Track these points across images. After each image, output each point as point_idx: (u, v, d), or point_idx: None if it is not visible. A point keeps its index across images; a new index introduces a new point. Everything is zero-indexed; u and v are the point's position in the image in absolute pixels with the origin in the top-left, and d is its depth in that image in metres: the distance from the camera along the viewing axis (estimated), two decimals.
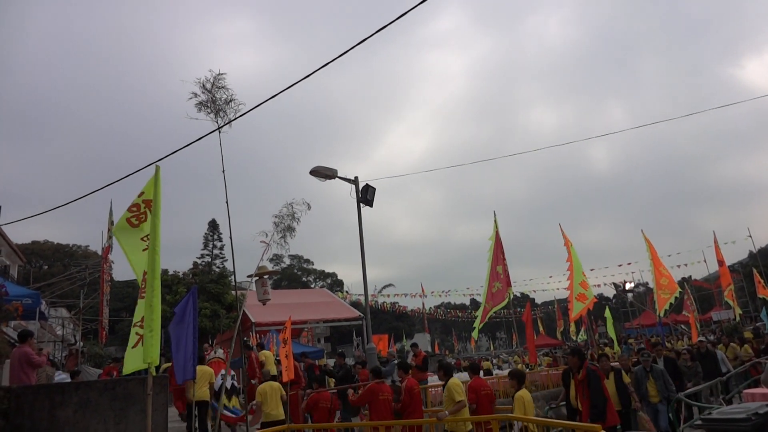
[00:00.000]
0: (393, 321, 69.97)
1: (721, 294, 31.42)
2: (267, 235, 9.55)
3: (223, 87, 8.49)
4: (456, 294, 59.38)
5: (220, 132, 8.48)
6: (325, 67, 7.60)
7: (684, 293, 28.48)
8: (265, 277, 11.49)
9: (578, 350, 8.97)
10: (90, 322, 29.96)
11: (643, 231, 21.70)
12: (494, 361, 36.86)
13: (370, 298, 12.63)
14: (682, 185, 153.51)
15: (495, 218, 19.24)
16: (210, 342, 25.30)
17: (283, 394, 10.46)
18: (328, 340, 52.31)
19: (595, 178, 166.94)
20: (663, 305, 19.64)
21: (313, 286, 74.45)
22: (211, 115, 8.43)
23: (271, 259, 10.03)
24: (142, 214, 6.63)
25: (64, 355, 20.68)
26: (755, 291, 32.49)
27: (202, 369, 11.14)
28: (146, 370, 6.56)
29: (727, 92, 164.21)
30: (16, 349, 8.17)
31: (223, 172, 8.67)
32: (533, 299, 63.56)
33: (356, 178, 13.35)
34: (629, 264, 64.96)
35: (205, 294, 28.62)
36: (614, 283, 49.58)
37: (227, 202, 8.64)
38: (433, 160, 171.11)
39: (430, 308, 61.58)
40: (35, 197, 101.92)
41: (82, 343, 22.60)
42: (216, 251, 48.84)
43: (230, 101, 8.49)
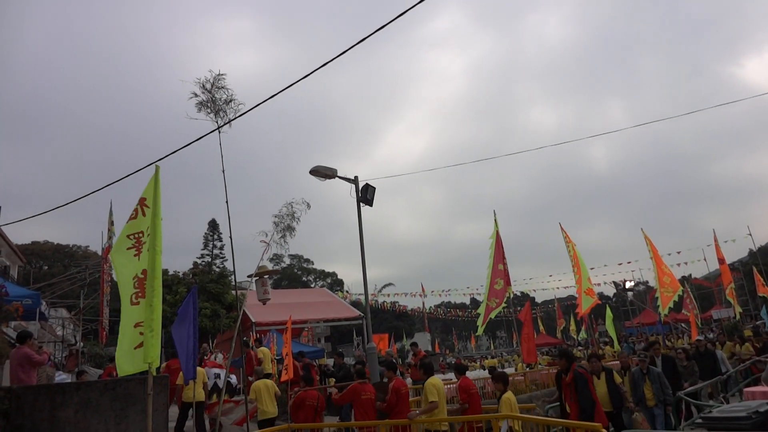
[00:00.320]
0: (393, 320, 69.97)
1: (721, 292, 31.45)
2: (267, 234, 9.57)
3: (222, 87, 8.50)
4: (456, 293, 59.47)
5: (219, 132, 8.48)
6: (324, 67, 7.61)
7: (684, 292, 28.49)
8: (265, 276, 11.52)
9: (566, 352, 8.79)
10: (90, 323, 29.94)
11: (643, 230, 21.75)
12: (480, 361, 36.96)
13: (370, 298, 12.62)
14: (681, 184, 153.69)
15: (495, 217, 19.27)
16: (210, 342, 25.29)
17: (277, 391, 10.58)
18: (328, 339, 52.31)
19: (595, 177, 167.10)
20: (667, 303, 19.64)
21: (313, 285, 74.46)
22: (211, 115, 8.44)
23: (271, 259, 10.04)
24: (133, 210, 6.33)
25: (65, 356, 20.66)
26: (755, 289, 32.49)
27: (197, 370, 11.22)
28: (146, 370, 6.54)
29: (726, 91, 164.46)
30: (15, 350, 8.15)
31: (223, 171, 8.68)
32: (533, 298, 63.53)
33: (356, 177, 13.35)
34: (629, 263, 64.98)
35: (206, 294, 28.64)
36: (614, 282, 49.62)
37: (227, 202, 8.64)
38: (432, 159, 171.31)
39: (431, 307, 61.65)
40: (35, 198, 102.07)
41: (82, 344, 22.57)
42: (216, 251, 48.97)
43: (230, 101, 8.49)
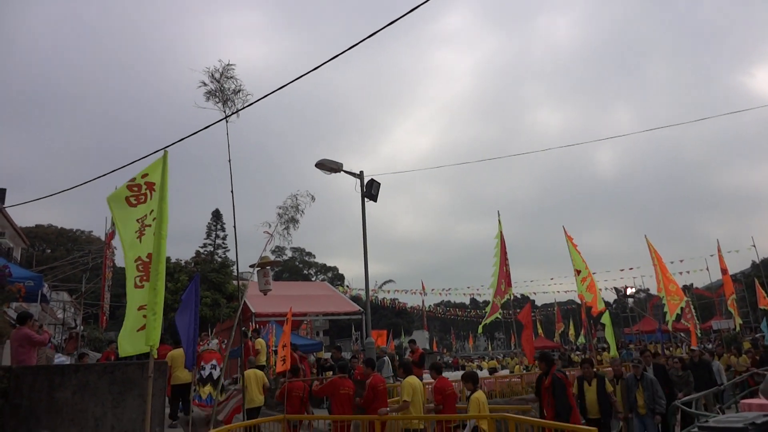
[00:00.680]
0: (392, 317, 70.02)
1: (722, 303, 31.33)
2: (270, 225, 9.57)
3: (231, 77, 8.51)
4: (456, 293, 59.35)
5: (227, 121, 8.49)
6: (332, 61, 7.62)
7: (685, 302, 28.41)
8: (267, 267, 11.57)
9: (546, 355, 8.76)
10: (91, 307, 30.08)
11: (646, 237, 21.59)
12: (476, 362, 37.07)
13: (370, 294, 12.63)
14: (687, 192, 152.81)
15: (499, 218, 19.23)
16: (210, 331, 25.35)
17: (266, 382, 10.75)
18: (327, 333, 52.40)
19: (600, 181, 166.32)
20: (674, 310, 19.56)
21: (314, 279, 74.57)
22: (219, 104, 8.44)
23: (273, 251, 10.09)
24: (142, 195, 6.27)
25: (64, 339, 20.79)
26: (756, 302, 32.37)
27: (182, 353, 11.19)
28: (145, 354, 6.56)
29: (736, 100, 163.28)
30: (16, 330, 8.19)
31: (229, 161, 8.69)
32: (533, 301, 63.47)
33: (361, 172, 13.38)
34: (631, 269, 64.72)
35: (207, 283, 28.72)
36: (615, 288, 49.44)
37: (232, 192, 8.67)
38: (438, 157, 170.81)
39: (430, 306, 61.71)
40: (40, 181, 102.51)
41: (82, 327, 22.70)
42: (219, 241, 48.97)
43: (238, 91, 8.50)
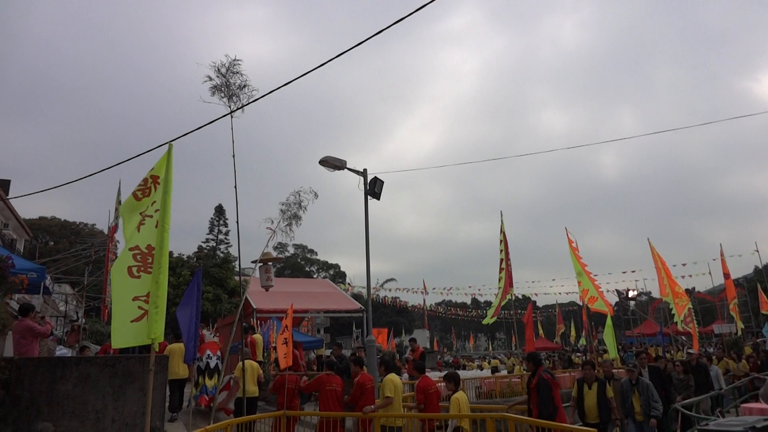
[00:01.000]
0: (393, 315, 70.10)
1: (724, 307, 31.26)
2: (273, 221, 9.57)
3: (237, 72, 8.49)
4: (457, 292, 59.31)
5: (232, 116, 8.48)
6: (337, 59, 7.59)
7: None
8: (269, 263, 11.59)
9: (533, 356, 8.66)
10: (93, 300, 30.15)
11: (649, 240, 21.48)
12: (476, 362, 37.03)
13: (371, 292, 12.63)
14: (690, 196, 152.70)
15: (502, 219, 19.21)
16: (211, 326, 25.35)
17: (260, 374, 10.78)
18: (327, 330, 52.48)
19: (603, 184, 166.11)
20: (681, 311, 19.54)
21: (315, 276, 74.61)
22: (224, 99, 8.43)
23: (275, 247, 10.09)
24: (147, 188, 6.33)
25: (66, 331, 20.85)
26: (759, 306, 32.28)
27: (180, 347, 11.29)
28: (139, 347, 6.54)
29: (741, 105, 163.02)
30: (17, 322, 8.20)
31: (233, 156, 8.69)
32: (534, 302, 63.40)
33: (365, 170, 13.35)
34: (633, 272, 64.69)
35: (208, 278, 28.77)
36: (617, 290, 49.35)
37: (236, 187, 8.65)
38: (442, 157, 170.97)
39: (431, 305, 61.70)
40: (45, 173, 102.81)
41: (84, 320, 22.77)
42: (221, 236, 49.07)
43: (244, 86, 8.49)
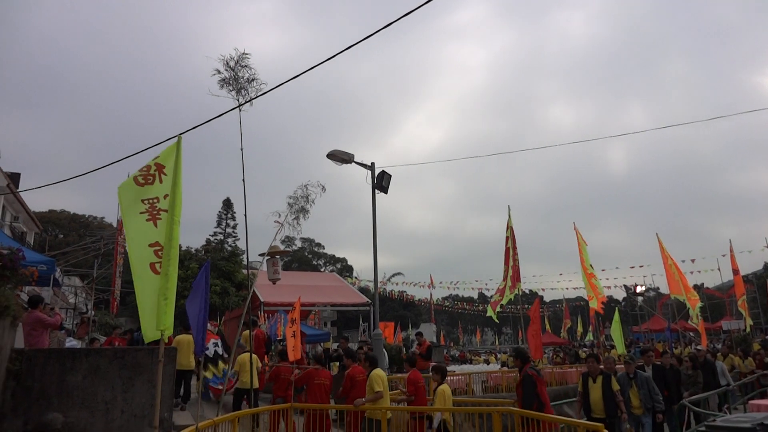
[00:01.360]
0: (400, 309, 70.15)
1: (732, 303, 31.08)
2: (280, 215, 9.57)
3: (246, 66, 8.48)
4: (464, 287, 59.25)
5: (240, 110, 8.48)
6: (345, 52, 7.55)
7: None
8: (277, 257, 11.64)
9: (521, 351, 8.64)
10: (102, 292, 30.41)
11: (658, 236, 21.32)
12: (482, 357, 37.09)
13: (378, 285, 12.65)
14: (699, 191, 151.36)
15: (509, 213, 19.14)
16: (219, 319, 25.50)
17: (259, 365, 10.97)
18: (334, 324, 52.54)
19: (612, 179, 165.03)
20: (695, 305, 19.59)
21: (323, 269, 74.79)
22: (233, 92, 8.43)
23: (282, 241, 10.12)
24: (150, 176, 6.07)
25: (76, 323, 21.05)
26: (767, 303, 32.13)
27: (187, 338, 11.40)
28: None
29: (752, 100, 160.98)
30: (27, 314, 8.26)
31: (242, 150, 8.69)
32: (542, 297, 63.31)
33: (372, 164, 13.35)
34: (641, 267, 64.34)
35: (216, 271, 28.86)
36: (625, 286, 49.13)
37: (244, 180, 8.67)
38: (449, 151, 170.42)
39: (438, 299, 61.71)
40: (54, 166, 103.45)
41: (93, 312, 22.97)
42: (229, 230, 49.20)
43: (252, 80, 8.48)
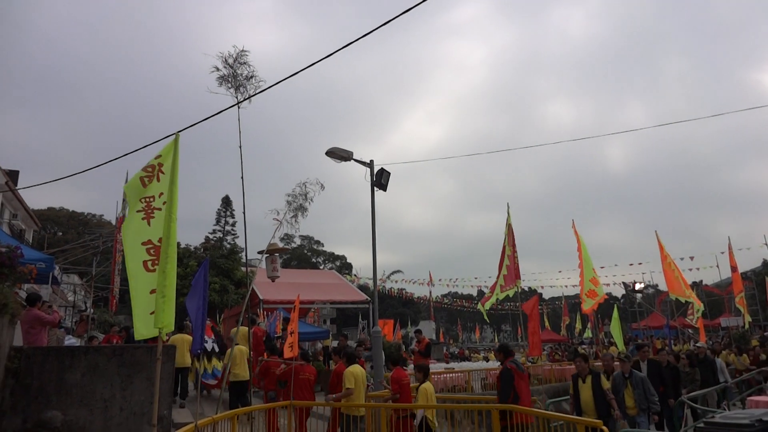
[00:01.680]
0: (399, 307, 70.20)
1: (731, 300, 31.14)
2: (279, 212, 9.56)
3: (245, 63, 8.46)
4: (463, 284, 59.38)
5: (239, 107, 8.46)
6: (343, 50, 7.52)
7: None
8: (276, 254, 11.61)
9: (504, 346, 8.55)
10: (101, 290, 30.37)
11: (657, 233, 21.33)
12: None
13: (377, 283, 12.64)
14: (698, 188, 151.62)
15: (508, 210, 19.16)
16: (218, 317, 25.49)
17: (250, 358, 11.00)
18: (334, 321, 52.58)
19: (611, 176, 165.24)
20: (698, 301, 19.83)
21: (322, 267, 74.78)
22: (231, 90, 8.40)
23: (282, 239, 10.08)
24: (152, 175, 6.22)
25: (75, 321, 21.03)
26: (766, 300, 32.17)
27: (182, 337, 11.75)
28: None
29: (751, 97, 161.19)
30: (25, 312, 8.24)
31: (240, 147, 8.68)
32: (540, 294, 63.37)
33: (371, 161, 13.32)
34: (640, 264, 64.47)
35: (215, 269, 28.91)
36: (624, 283, 49.21)
37: (242, 178, 8.67)
38: (448, 148, 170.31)
39: (437, 297, 61.74)
40: (53, 164, 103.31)
41: (92, 310, 22.93)
42: (228, 227, 49.29)
43: (251, 77, 8.46)
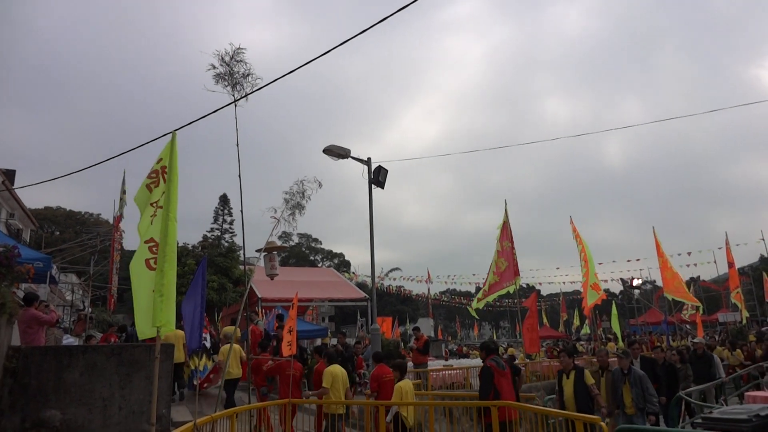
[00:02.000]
0: (398, 304, 70.34)
1: (728, 296, 31.22)
2: (276, 210, 9.54)
3: (241, 61, 8.44)
4: (461, 281, 59.61)
5: (236, 105, 8.44)
6: (340, 47, 7.52)
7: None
8: (274, 252, 11.60)
9: (486, 345, 8.41)
10: (99, 289, 30.32)
11: (654, 229, 21.42)
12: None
13: (376, 281, 12.66)
14: (696, 184, 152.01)
15: (506, 207, 19.18)
16: (216, 315, 25.48)
17: (243, 356, 11.05)
18: (332, 319, 52.68)
19: (608, 172, 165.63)
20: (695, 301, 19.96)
21: (320, 265, 74.79)
22: (228, 88, 8.38)
23: (279, 237, 10.04)
24: (157, 180, 6.38)
25: (73, 320, 21.00)
26: (764, 295, 32.25)
27: (176, 333, 11.41)
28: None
29: (747, 93, 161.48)
30: (22, 311, 8.23)
31: (237, 145, 8.66)
32: (539, 291, 63.47)
33: (369, 159, 13.34)
34: (638, 260, 64.39)
35: (213, 267, 28.85)
36: (621, 279, 49.27)
37: (240, 176, 8.65)
38: (445, 145, 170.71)
39: (435, 294, 61.91)
40: (50, 163, 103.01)
41: (90, 309, 22.92)
42: (225, 226, 49.21)
43: (248, 75, 8.44)
